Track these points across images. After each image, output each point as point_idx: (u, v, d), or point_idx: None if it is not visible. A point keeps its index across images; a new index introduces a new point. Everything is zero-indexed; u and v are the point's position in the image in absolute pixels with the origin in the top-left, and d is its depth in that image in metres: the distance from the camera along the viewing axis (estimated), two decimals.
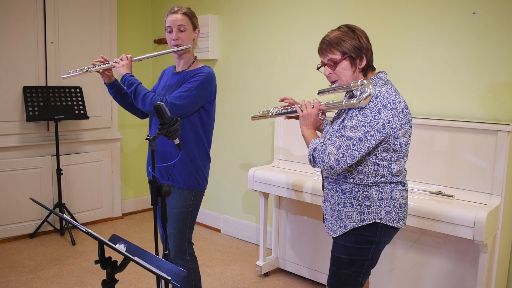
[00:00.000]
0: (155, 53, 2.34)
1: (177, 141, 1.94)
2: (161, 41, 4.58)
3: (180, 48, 2.23)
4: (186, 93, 2.14)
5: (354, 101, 1.70)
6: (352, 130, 1.71)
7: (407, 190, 1.88)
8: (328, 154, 1.73)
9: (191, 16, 2.25)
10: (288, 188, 2.93)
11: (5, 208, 3.79)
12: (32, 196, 3.84)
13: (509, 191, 2.38)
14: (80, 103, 3.99)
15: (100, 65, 2.29)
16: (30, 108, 3.73)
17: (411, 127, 1.81)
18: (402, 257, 2.65)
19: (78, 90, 4.04)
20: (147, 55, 2.35)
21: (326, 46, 1.81)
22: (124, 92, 2.39)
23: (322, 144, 1.78)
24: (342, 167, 1.72)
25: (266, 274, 3.31)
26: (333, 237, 1.92)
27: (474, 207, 2.27)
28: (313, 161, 1.80)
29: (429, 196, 2.47)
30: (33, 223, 3.94)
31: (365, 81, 1.69)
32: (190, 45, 2.25)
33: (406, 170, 1.90)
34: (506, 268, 2.57)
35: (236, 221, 4.08)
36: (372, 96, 1.71)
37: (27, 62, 3.84)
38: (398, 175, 1.82)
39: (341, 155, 1.71)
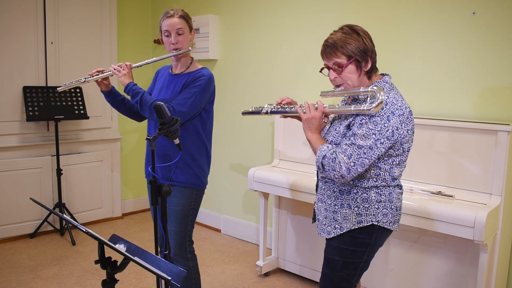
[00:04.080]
0: (154, 58, 2.33)
1: (177, 141, 1.94)
2: (160, 42, 4.59)
3: (180, 52, 2.25)
4: (191, 98, 2.16)
5: (365, 108, 1.64)
6: (362, 139, 1.67)
7: (402, 193, 1.86)
8: (340, 163, 1.68)
9: (187, 18, 2.26)
10: (288, 188, 2.93)
11: (5, 208, 3.79)
12: (32, 196, 3.84)
13: (509, 191, 2.38)
14: (80, 103, 3.99)
15: (98, 74, 2.26)
16: (30, 108, 3.73)
17: (413, 132, 1.80)
18: (402, 257, 2.65)
19: (78, 90, 4.04)
20: (146, 61, 2.33)
21: (330, 49, 1.74)
22: (121, 99, 2.39)
23: (332, 152, 1.72)
24: (353, 175, 1.69)
25: (266, 274, 3.31)
26: (326, 239, 1.88)
27: (474, 207, 2.27)
28: (322, 169, 1.75)
29: (429, 196, 2.47)
30: (33, 223, 3.94)
31: (375, 88, 1.65)
32: (190, 48, 2.27)
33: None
34: (506, 268, 2.57)
35: (236, 221, 4.08)
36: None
37: (27, 62, 3.84)
38: (397, 179, 1.81)
39: (352, 164, 1.67)
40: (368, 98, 1.67)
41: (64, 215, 2.19)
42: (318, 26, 3.31)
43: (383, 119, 1.66)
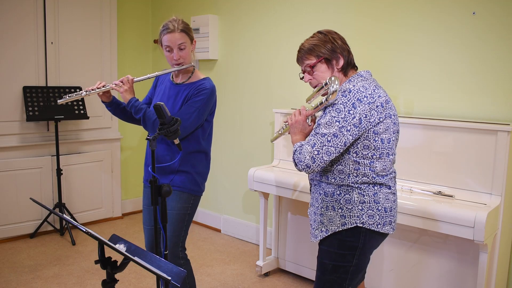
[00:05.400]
0: (157, 73, 2.30)
1: (177, 141, 1.94)
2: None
3: (183, 67, 2.23)
4: (195, 113, 2.16)
5: (324, 100, 1.70)
6: (325, 127, 1.69)
7: (394, 194, 1.82)
8: (304, 153, 1.70)
9: (187, 31, 2.21)
10: (288, 188, 2.93)
11: (5, 208, 3.79)
12: (32, 196, 3.84)
13: (509, 191, 2.38)
14: (80, 103, 3.99)
15: (100, 88, 2.24)
16: (30, 108, 3.73)
17: (394, 123, 1.77)
18: (402, 257, 2.65)
19: (78, 90, 4.04)
20: (148, 75, 2.30)
21: (301, 54, 1.85)
22: (122, 107, 2.37)
23: (300, 145, 1.76)
24: (319, 165, 1.69)
25: (266, 274, 3.31)
26: (318, 243, 1.88)
27: (474, 207, 2.27)
28: (295, 164, 1.77)
29: (429, 196, 2.47)
30: (33, 223, 3.94)
31: (332, 78, 1.69)
32: (192, 64, 2.26)
33: (395, 172, 1.86)
34: (506, 268, 2.57)
35: (236, 221, 4.08)
36: (345, 91, 1.70)
37: (27, 62, 3.84)
38: (383, 176, 1.77)
39: (316, 152, 1.68)
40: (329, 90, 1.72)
41: (64, 215, 2.18)
42: (318, 26, 3.29)
43: (347, 106, 1.67)
